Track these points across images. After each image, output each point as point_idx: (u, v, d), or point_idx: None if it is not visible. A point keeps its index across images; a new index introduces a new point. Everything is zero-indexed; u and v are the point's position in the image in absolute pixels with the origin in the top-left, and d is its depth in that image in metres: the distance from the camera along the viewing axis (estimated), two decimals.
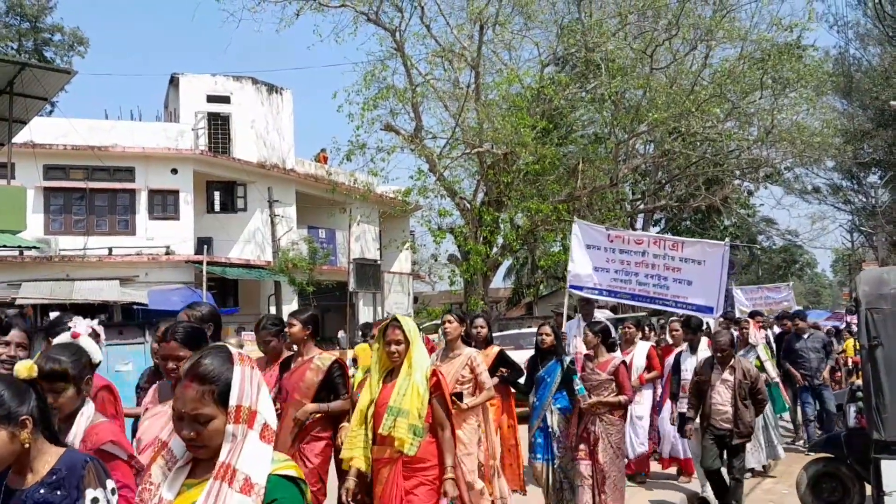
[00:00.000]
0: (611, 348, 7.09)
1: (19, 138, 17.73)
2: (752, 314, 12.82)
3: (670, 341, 9.84)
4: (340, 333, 28.34)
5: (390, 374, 4.71)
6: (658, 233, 35.12)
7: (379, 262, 31.34)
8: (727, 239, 9.13)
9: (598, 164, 22.25)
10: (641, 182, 28.80)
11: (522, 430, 7.49)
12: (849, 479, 7.27)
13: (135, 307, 21.65)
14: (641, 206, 28.49)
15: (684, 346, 8.74)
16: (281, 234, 26.55)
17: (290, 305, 27.29)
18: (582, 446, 6.82)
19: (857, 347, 12.17)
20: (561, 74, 21.43)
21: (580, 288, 9.31)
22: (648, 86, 20.51)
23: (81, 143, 23.31)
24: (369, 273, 28.90)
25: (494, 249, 20.66)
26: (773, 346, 11.77)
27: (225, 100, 27.37)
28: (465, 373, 5.99)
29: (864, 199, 37.36)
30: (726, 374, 7.21)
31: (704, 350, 8.11)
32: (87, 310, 20.22)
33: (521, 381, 7.41)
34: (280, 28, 31.90)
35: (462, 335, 6.52)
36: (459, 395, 5.73)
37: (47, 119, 24.14)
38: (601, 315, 13.70)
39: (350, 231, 28.41)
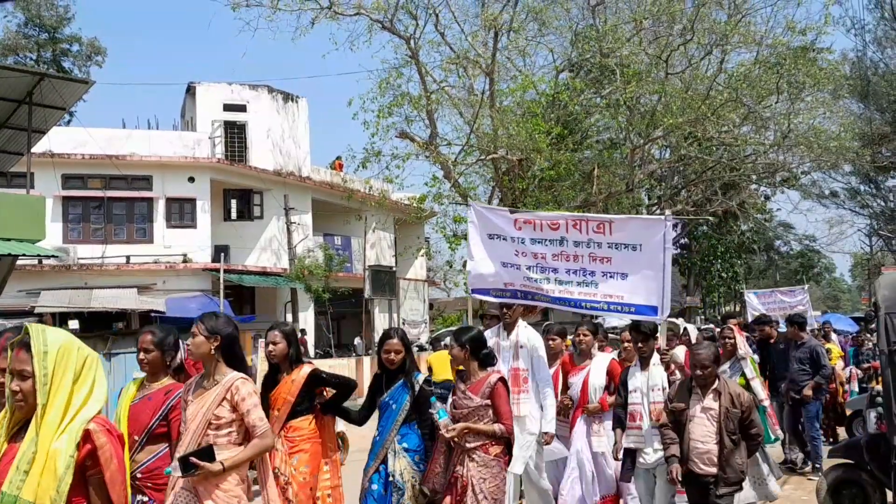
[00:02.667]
0: (485, 363, 5.36)
1: (38, 148, 17.90)
2: (726, 316, 11.25)
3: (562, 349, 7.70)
4: (357, 340, 28.40)
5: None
6: (675, 238, 35.12)
7: (394, 268, 31.41)
8: (669, 212, 6.85)
9: (613, 169, 22.20)
10: (657, 187, 28.70)
11: None
12: (869, 485, 7.19)
13: (152, 315, 21.77)
14: (658, 212, 28.37)
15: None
16: (297, 241, 26.66)
17: (307, 312, 27.40)
18: (447, 500, 5.13)
19: (841, 355, 12.09)
20: (576, 80, 21.40)
21: (485, 292, 7.18)
22: (664, 91, 20.45)
23: (99, 152, 23.52)
24: (385, 280, 28.96)
25: None
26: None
27: (241, 108, 27.54)
28: (224, 412, 3.99)
29: (883, 203, 37.08)
30: (709, 401, 5.48)
31: (658, 364, 6.29)
32: (105, 318, 20.39)
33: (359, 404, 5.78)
34: (295, 37, 32.08)
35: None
36: (208, 452, 3.83)
37: (66, 129, 24.39)
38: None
39: (365, 238, 28.51)
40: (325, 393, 5.42)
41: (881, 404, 6.71)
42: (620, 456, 6.32)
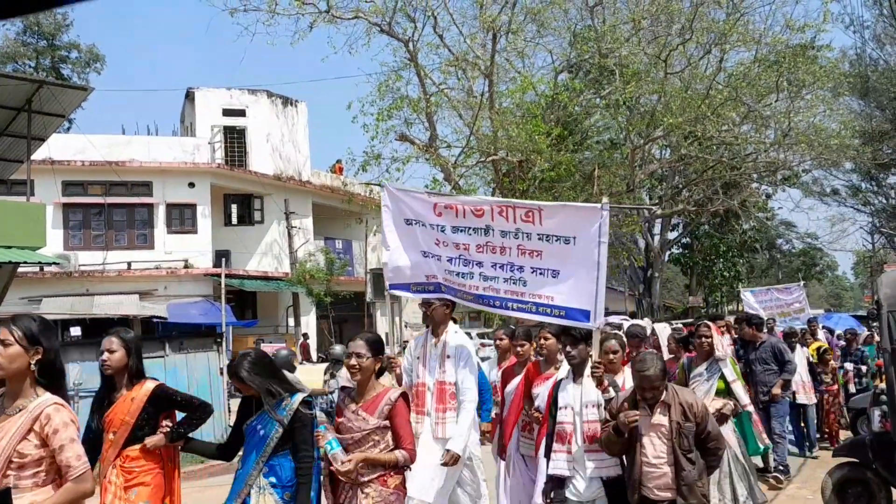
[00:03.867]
0: (379, 374, 4.43)
1: (38, 155, 17.90)
2: (712, 318, 10.55)
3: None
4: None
5: None
6: (675, 238, 35.08)
7: None
8: (606, 199, 5.65)
9: (614, 169, 22.19)
10: (658, 187, 28.69)
11: None
12: (874, 483, 7.16)
13: (154, 320, 21.79)
14: (659, 211, 28.36)
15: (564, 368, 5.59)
16: (298, 245, 26.65)
17: (309, 316, 27.38)
18: None
19: (821, 351, 12.03)
20: (575, 81, 21.41)
21: (405, 287, 6.18)
22: (663, 90, 20.45)
23: (99, 158, 23.52)
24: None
25: None
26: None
27: (240, 113, 27.54)
28: (29, 447, 3.08)
29: (885, 200, 37.03)
30: (658, 417, 4.72)
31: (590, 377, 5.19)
32: (107, 324, 20.40)
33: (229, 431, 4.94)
34: (294, 41, 32.09)
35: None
36: (3, 497, 2.95)
37: (65, 136, 24.39)
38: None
39: (366, 241, 28.49)
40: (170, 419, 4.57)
41: (885, 402, 6.68)
42: (541, 486, 5.26)
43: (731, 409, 6.72)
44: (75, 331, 19.20)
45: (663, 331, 8.32)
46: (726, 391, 6.78)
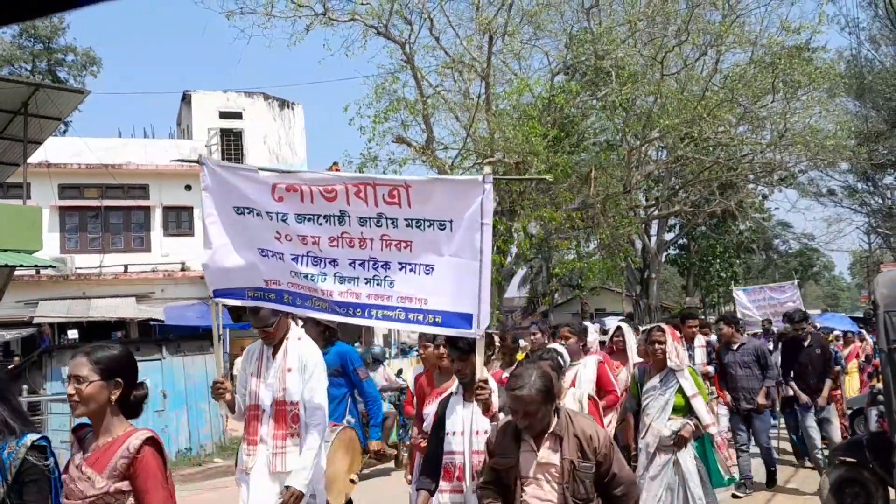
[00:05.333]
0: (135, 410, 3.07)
1: (34, 158, 17.88)
2: (685, 316, 10.01)
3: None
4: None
5: None
6: (672, 239, 35.13)
7: None
8: (488, 170, 4.34)
9: (610, 171, 22.21)
10: (655, 188, 28.72)
11: None
12: (871, 483, 7.18)
13: (151, 323, 21.75)
14: (655, 213, 28.39)
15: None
16: None
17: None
18: None
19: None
20: (571, 83, 21.42)
21: (237, 294, 4.82)
22: (659, 92, 20.49)
23: (95, 161, 23.49)
24: None
25: (508, 259, 20.63)
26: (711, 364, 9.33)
27: (237, 115, 27.52)
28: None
29: (881, 201, 37.09)
30: (546, 454, 3.55)
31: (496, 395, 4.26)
32: (104, 327, 20.37)
33: None
34: (290, 43, 32.13)
35: None
36: None
37: (61, 139, 24.35)
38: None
39: None
40: None
41: (882, 402, 6.70)
42: None
43: (691, 430, 5.72)
44: (72, 333, 19.16)
45: (628, 332, 7.62)
46: (686, 408, 5.79)
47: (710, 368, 9.24)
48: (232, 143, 27.27)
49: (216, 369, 4.93)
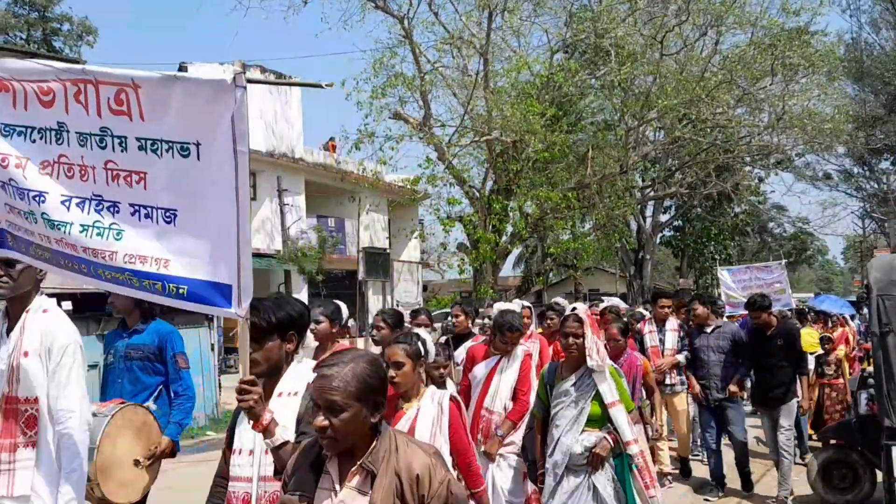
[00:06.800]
0: None
1: None
2: (656, 294, 9.03)
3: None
4: (351, 322, 28.44)
5: None
6: (667, 221, 35.15)
7: (388, 250, 31.40)
8: (238, 68, 3.10)
9: (607, 151, 22.16)
10: (651, 169, 28.70)
11: None
12: (860, 465, 7.26)
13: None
14: (651, 194, 28.39)
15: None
16: (290, 223, 26.61)
17: (300, 294, 27.38)
18: None
19: (822, 336, 10.45)
20: (570, 61, 21.31)
21: None
22: (658, 72, 20.42)
23: None
24: (379, 262, 28.99)
25: (504, 238, 20.62)
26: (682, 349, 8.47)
27: None
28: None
29: (876, 186, 37.15)
30: (347, 495, 2.37)
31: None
32: (98, 299, 20.34)
33: None
34: (287, 15, 31.83)
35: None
36: None
37: None
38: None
39: (359, 220, 28.47)
40: None
41: (873, 385, 6.75)
42: None
43: (608, 448, 4.67)
44: (66, 305, 19.12)
45: (617, 303, 7.24)
46: (603, 418, 4.73)
47: (681, 357, 8.38)
48: None
49: None
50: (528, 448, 5.35)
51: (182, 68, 27.67)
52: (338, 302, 5.37)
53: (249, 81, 2.84)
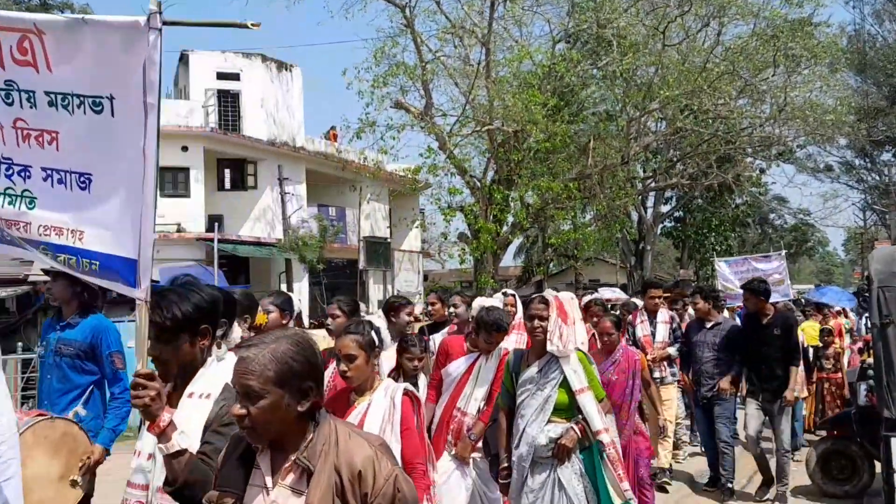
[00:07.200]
0: None
1: None
2: (647, 284, 8.72)
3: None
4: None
5: None
6: (668, 211, 35.12)
7: (389, 240, 31.40)
8: (154, 7, 2.43)
9: (609, 141, 22.14)
10: (653, 160, 28.66)
11: None
12: (858, 456, 7.28)
13: None
14: (653, 185, 28.37)
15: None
16: (291, 211, 26.60)
17: (301, 283, 27.43)
18: None
19: (822, 329, 10.39)
20: (572, 51, 21.26)
21: None
22: (660, 63, 20.38)
23: None
24: (379, 251, 29.00)
25: (504, 227, 20.63)
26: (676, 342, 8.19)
27: (235, 77, 27.32)
28: None
29: (878, 178, 37.08)
30: (280, 494, 2.07)
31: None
32: (99, 287, 20.35)
33: None
34: (290, 3, 31.75)
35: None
36: None
37: None
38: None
39: (360, 209, 28.46)
40: None
41: (872, 377, 6.76)
42: None
43: (574, 438, 4.36)
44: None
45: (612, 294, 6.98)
46: (571, 407, 4.42)
47: (672, 350, 8.10)
48: (229, 105, 27.11)
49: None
50: (489, 442, 5.00)
51: (184, 56, 27.65)
52: (288, 293, 5.10)
53: (166, 24, 2.50)
